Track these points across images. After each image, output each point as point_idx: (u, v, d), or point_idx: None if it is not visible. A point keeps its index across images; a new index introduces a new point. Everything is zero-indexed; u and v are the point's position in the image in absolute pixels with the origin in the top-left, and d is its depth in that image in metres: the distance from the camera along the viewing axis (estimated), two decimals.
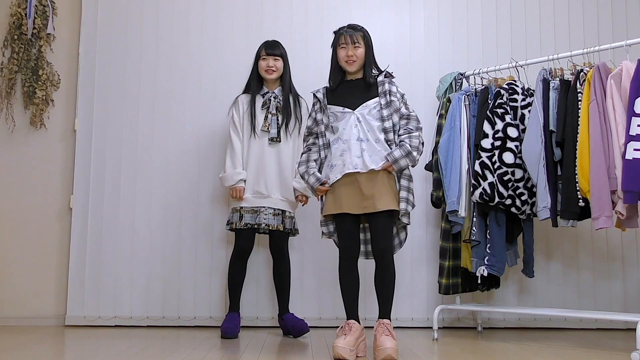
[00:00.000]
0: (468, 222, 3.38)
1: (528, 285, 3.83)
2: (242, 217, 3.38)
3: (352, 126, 2.90)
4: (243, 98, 3.52)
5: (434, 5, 4.05)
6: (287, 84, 3.52)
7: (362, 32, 3.00)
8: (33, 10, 3.89)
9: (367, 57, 2.99)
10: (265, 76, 3.48)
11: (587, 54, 3.24)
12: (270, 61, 3.47)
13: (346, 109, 2.95)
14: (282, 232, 3.44)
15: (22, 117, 3.92)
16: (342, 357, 2.65)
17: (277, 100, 3.48)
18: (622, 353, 2.88)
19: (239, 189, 3.39)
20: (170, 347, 2.99)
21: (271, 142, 3.43)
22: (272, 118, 3.44)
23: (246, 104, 3.48)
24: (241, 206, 3.40)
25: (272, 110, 3.45)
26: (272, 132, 3.43)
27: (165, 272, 3.81)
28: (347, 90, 3.01)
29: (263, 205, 3.39)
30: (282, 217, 3.42)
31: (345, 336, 2.73)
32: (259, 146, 3.42)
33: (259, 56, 3.50)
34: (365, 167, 2.85)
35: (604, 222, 2.91)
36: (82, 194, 3.83)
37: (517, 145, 3.24)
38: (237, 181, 3.38)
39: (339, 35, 3.02)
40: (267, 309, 3.79)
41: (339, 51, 3.01)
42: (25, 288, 3.81)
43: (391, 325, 2.80)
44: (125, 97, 3.92)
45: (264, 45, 3.52)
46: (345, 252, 2.91)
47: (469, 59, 3.97)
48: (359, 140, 2.88)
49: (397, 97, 2.96)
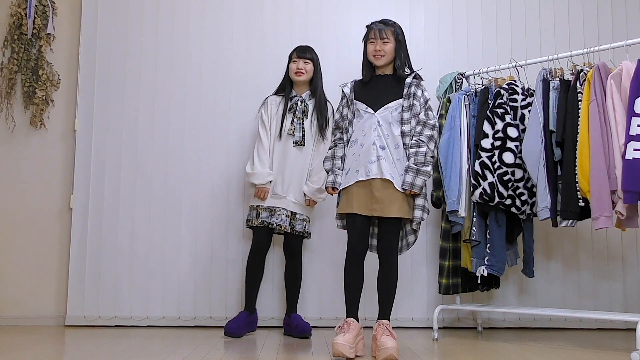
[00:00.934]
0: (468, 222, 3.38)
1: (528, 285, 3.83)
2: (259, 215, 3.43)
3: (371, 130, 2.92)
4: (272, 99, 3.57)
5: (434, 5, 4.05)
6: (317, 89, 3.55)
7: (392, 27, 3.02)
8: (33, 10, 3.89)
9: (397, 52, 3.01)
10: (294, 78, 3.52)
11: (587, 54, 3.24)
12: (300, 63, 3.51)
13: (369, 108, 2.96)
14: (296, 235, 3.48)
15: (22, 117, 3.92)
16: (342, 354, 2.67)
17: (304, 104, 3.52)
18: (622, 353, 2.88)
19: (265, 190, 3.43)
20: (170, 347, 2.99)
21: (295, 145, 3.47)
22: (297, 122, 3.48)
23: (275, 106, 3.54)
24: (258, 204, 3.45)
25: (298, 114, 3.49)
26: (296, 135, 3.47)
27: (165, 272, 3.81)
28: (375, 86, 3.02)
29: (278, 206, 3.44)
30: (290, 219, 3.45)
31: (344, 333, 2.74)
32: (283, 148, 3.47)
33: (290, 58, 3.56)
34: (380, 174, 2.86)
35: (604, 222, 2.91)
36: (82, 194, 3.83)
37: (517, 145, 3.24)
38: (266, 181, 3.43)
39: (369, 30, 3.06)
40: (267, 309, 3.78)
41: (368, 45, 3.04)
42: (25, 288, 3.81)
43: (390, 325, 2.83)
44: (125, 97, 3.92)
45: (295, 49, 3.57)
46: (353, 249, 2.91)
47: (469, 59, 3.97)
48: (375, 146, 2.89)
49: (420, 101, 2.94)
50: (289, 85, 3.56)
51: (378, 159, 2.87)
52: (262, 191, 3.44)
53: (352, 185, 2.91)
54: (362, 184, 2.89)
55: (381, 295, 2.89)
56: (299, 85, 3.55)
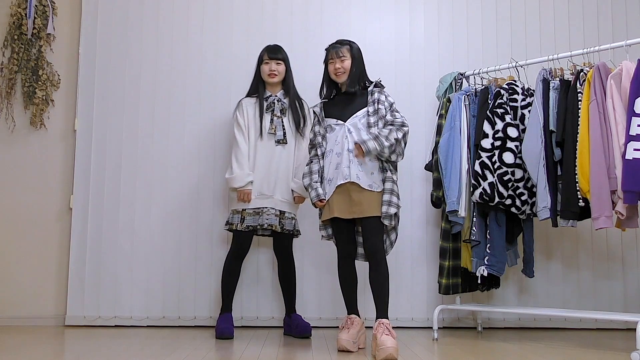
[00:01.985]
0: (468, 222, 3.38)
1: (528, 285, 3.83)
2: (244, 220, 3.39)
3: (343, 137, 3.09)
4: (247, 101, 3.53)
5: (434, 6, 4.05)
6: (290, 87, 3.55)
7: (348, 45, 3.20)
8: (33, 10, 3.89)
9: (352, 68, 3.16)
10: (267, 80, 3.51)
11: (587, 54, 3.24)
12: (273, 65, 3.50)
13: (339, 120, 3.14)
14: (286, 234, 3.46)
15: (22, 117, 3.92)
16: (346, 349, 2.88)
17: (280, 103, 3.51)
18: (622, 353, 2.88)
19: (247, 192, 3.39)
20: (170, 347, 2.99)
21: (278, 144, 3.45)
22: (277, 120, 3.47)
23: (251, 107, 3.50)
24: (243, 208, 3.40)
25: (276, 113, 3.48)
26: (278, 134, 3.45)
27: (165, 272, 3.81)
28: (341, 101, 3.19)
29: (265, 206, 3.41)
30: (280, 218, 3.43)
31: (348, 330, 2.96)
32: (267, 148, 3.45)
33: (261, 60, 3.53)
34: (356, 178, 3.03)
35: (604, 222, 2.91)
36: (82, 194, 3.83)
37: (517, 145, 3.24)
38: (246, 183, 3.38)
39: (327, 52, 3.25)
40: (267, 309, 3.79)
41: (329, 66, 3.24)
42: (25, 288, 3.81)
43: (390, 324, 2.90)
44: (125, 97, 3.92)
45: (266, 50, 3.55)
46: (342, 252, 3.12)
47: (469, 59, 3.97)
48: (349, 151, 3.06)
49: (384, 105, 3.12)
50: (261, 86, 3.53)
51: (349, 163, 3.04)
52: (244, 193, 3.38)
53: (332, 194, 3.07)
54: (340, 189, 3.05)
55: (375, 295, 2.98)
56: (271, 85, 3.54)
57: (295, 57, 3.94)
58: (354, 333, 2.96)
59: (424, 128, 3.92)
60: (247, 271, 3.79)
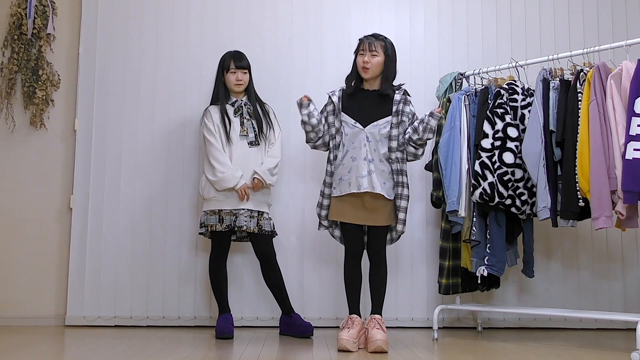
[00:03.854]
0: (468, 222, 3.38)
1: (528, 285, 3.83)
2: (222, 220, 3.38)
3: (361, 144, 3.07)
4: (213, 109, 3.52)
5: (434, 6, 4.05)
6: (252, 93, 3.60)
7: (383, 42, 3.11)
8: (33, 10, 3.89)
9: (386, 68, 3.10)
10: (234, 89, 3.53)
11: (587, 54, 3.24)
12: (239, 74, 3.52)
13: (357, 123, 3.10)
14: (265, 235, 3.43)
15: (22, 117, 3.92)
16: (346, 349, 2.90)
17: (247, 106, 3.54)
18: (622, 353, 2.88)
19: (244, 187, 3.37)
20: (170, 347, 2.99)
21: (251, 146, 3.46)
22: (247, 123, 3.48)
23: (218, 114, 3.49)
24: (220, 209, 3.39)
25: (245, 116, 3.50)
26: (250, 136, 3.47)
27: (165, 272, 3.81)
28: (362, 100, 3.14)
29: (242, 207, 3.39)
30: (257, 220, 3.42)
31: (349, 329, 2.98)
32: (240, 150, 3.44)
33: (227, 68, 3.53)
34: (371, 188, 3.04)
35: (604, 222, 2.91)
36: (82, 194, 3.83)
37: (517, 145, 3.24)
38: (239, 179, 3.37)
39: (360, 42, 3.15)
40: (267, 309, 3.78)
41: (357, 58, 3.13)
42: (25, 288, 3.81)
43: (382, 320, 3.04)
44: (125, 97, 3.92)
45: (232, 58, 3.54)
46: (351, 251, 3.16)
47: (469, 59, 3.97)
48: (366, 160, 3.06)
49: (408, 117, 3.13)
50: (225, 92, 3.54)
51: (369, 173, 3.05)
52: (242, 189, 3.36)
53: (344, 195, 3.09)
54: (353, 195, 3.08)
55: (373, 292, 3.11)
56: (235, 93, 3.56)
57: (295, 57, 3.95)
58: (354, 333, 2.98)
59: None
60: (246, 271, 3.80)
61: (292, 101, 3.89)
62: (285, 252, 3.79)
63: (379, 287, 3.11)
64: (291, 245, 3.84)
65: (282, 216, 3.83)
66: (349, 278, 3.14)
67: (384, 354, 2.87)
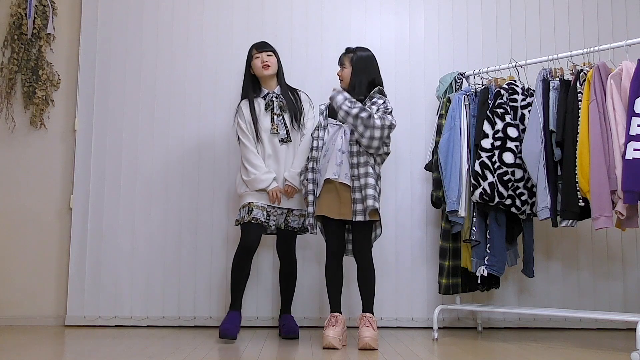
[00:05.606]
0: (468, 222, 3.38)
1: (528, 285, 3.83)
2: (251, 211, 3.27)
3: (337, 137, 3.20)
4: (245, 104, 3.43)
5: (434, 6, 4.05)
6: (283, 81, 3.49)
7: (352, 54, 3.30)
8: (33, 10, 3.89)
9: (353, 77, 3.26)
10: (262, 73, 3.39)
11: (587, 54, 3.24)
12: (264, 56, 3.39)
13: (337, 121, 3.25)
14: (290, 232, 3.42)
15: (22, 117, 3.92)
16: (333, 346, 2.98)
17: (279, 99, 3.42)
18: (622, 353, 2.88)
19: (276, 190, 3.31)
20: (170, 347, 2.99)
21: (282, 143, 3.39)
22: (278, 119, 3.39)
23: (247, 110, 3.40)
24: (250, 201, 3.30)
25: (276, 112, 3.39)
26: (281, 133, 3.38)
27: (165, 272, 3.81)
28: None
29: (274, 206, 3.35)
30: (286, 216, 3.40)
31: (334, 327, 3.04)
32: (271, 148, 3.38)
33: (251, 57, 3.43)
34: (341, 177, 3.14)
35: (604, 222, 2.91)
36: (82, 194, 3.83)
37: (517, 145, 3.24)
38: (271, 181, 3.31)
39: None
40: (267, 309, 3.79)
41: None
42: (25, 288, 3.81)
43: (373, 318, 3.09)
44: (125, 97, 3.92)
45: (253, 46, 3.45)
46: (332, 250, 3.21)
47: (469, 59, 3.97)
48: (340, 151, 3.17)
49: (377, 105, 3.18)
50: (256, 85, 3.44)
51: (340, 163, 3.15)
52: (274, 192, 3.31)
53: (323, 189, 3.18)
54: (329, 187, 3.16)
55: (362, 292, 3.16)
56: (266, 81, 3.43)
57: (296, 57, 3.95)
58: (339, 330, 3.05)
59: (424, 128, 3.92)
60: None
61: None
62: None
63: (368, 286, 3.14)
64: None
65: None
66: (330, 277, 3.18)
67: (373, 351, 2.94)
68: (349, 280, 3.58)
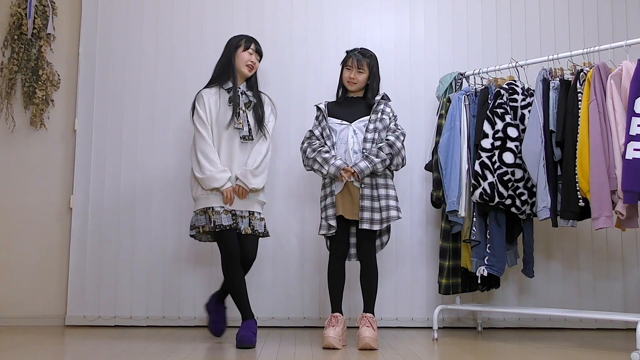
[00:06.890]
0: (468, 222, 3.38)
1: (528, 285, 3.83)
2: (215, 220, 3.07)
3: (349, 137, 3.20)
4: (207, 92, 3.22)
5: (434, 5, 4.05)
6: (254, 82, 3.32)
7: (369, 59, 3.27)
8: (33, 10, 3.89)
9: (370, 82, 3.26)
10: (243, 71, 3.22)
11: (587, 54, 3.24)
12: (254, 57, 3.26)
13: (344, 121, 3.24)
14: (255, 236, 3.18)
15: (22, 117, 3.92)
16: (333, 346, 2.99)
17: (245, 96, 3.24)
18: (622, 353, 2.88)
19: (229, 190, 3.10)
20: (170, 347, 2.99)
21: (243, 140, 3.17)
22: (243, 115, 3.17)
23: (213, 99, 3.19)
24: (221, 206, 3.09)
25: (242, 107, 3.19)
26: (244, 129, 3.16)
27: (165, 272, 3.81)
28: (348, 104, 3.31)
29: (232, 208, 3.12)
30: (249, 220, 3.18)
31: (334, 327, 3.06)
32: (228, 144, 3.15)
33: (242, 46, 3.23)
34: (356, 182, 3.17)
35: (604, 222, 2.91)
36: (82, 194, 3.83)
37: (517, 145, 3.24)
38: (226, 180, 3.09)
39: (347, 57, 3.31)
40: (267, 309, 3.79)
41: (344, 70, 3.31)
42: (26, 288, 3.81)
43: (373, 318, 3.10)
44: (125, 97, 3.92)
45: (252, 41, 3.28)
46: (336, 252, 3.22)
47: (469, 59, 3.97)
48: (354, 152, 3.19)
49: (389, 116, 3.25)
50: (226, 76, 3.21)
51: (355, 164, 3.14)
52: (228, 192, 3.08)
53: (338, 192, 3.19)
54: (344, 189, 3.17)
55: (365, 293, 3.17)
56: (240, 77, 3.24)
57: (295, 57, 3.95)
58: (339, 330, 3.06)
59: (423, 128, 3.92)
60: None
61: (292, 101, 3.90)
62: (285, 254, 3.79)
63: (371, 288, 3.16)
64: (291, 245, 3.84)
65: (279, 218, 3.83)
66: (333, 278, 3.20)
67: (373, 351, 2.94)
68: (348, 281, 3.57)
